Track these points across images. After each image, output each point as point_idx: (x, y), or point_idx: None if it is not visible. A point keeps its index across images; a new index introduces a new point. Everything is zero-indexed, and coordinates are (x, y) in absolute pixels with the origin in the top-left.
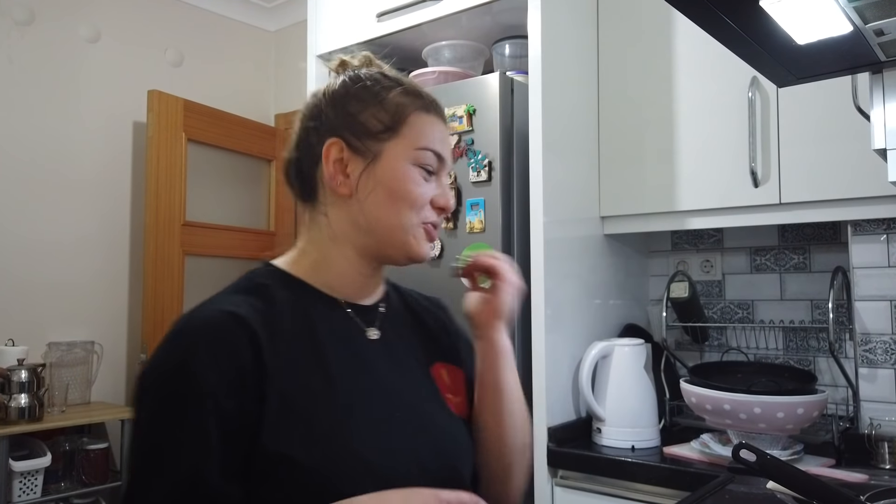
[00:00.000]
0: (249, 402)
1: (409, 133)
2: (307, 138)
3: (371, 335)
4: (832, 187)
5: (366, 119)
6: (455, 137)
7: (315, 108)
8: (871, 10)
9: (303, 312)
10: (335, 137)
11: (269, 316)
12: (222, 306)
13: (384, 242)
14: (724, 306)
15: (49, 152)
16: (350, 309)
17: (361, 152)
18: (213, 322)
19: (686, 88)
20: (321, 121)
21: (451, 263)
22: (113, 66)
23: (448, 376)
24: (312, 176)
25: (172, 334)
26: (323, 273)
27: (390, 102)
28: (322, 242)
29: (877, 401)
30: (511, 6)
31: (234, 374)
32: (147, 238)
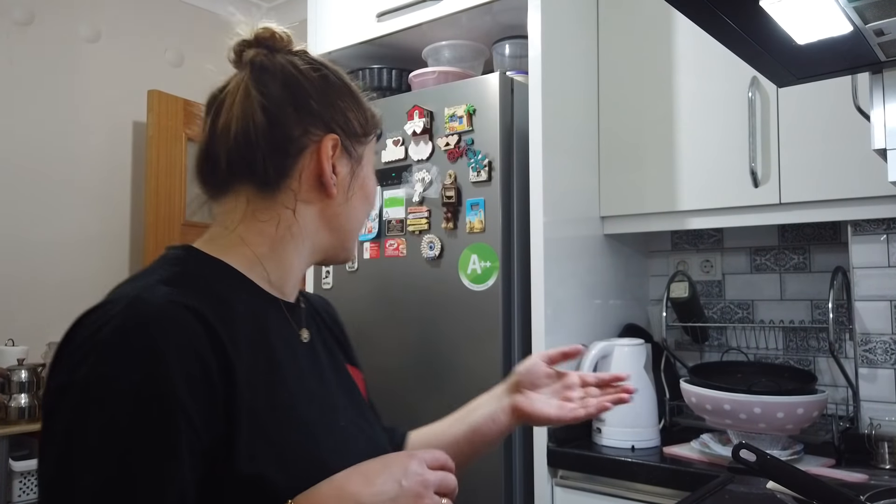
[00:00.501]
0: (218, 417)
1: (372, 141)
2: (286, 121)
3: (304, 338)
4: (832, 187)
5: (353, 118)
6: (455, 137)
7: (296, 88)
8: (871, 10)
9: (246, 308)
10: (331, 133)
11: (220, 311)
12: (169, 296)
13: (343, 244)
14: (724, 306)
15: (49, 152)
16: (283, 305)
17: (349, 152)
18: (166, 317)
19: (686, 88)
20: (308, 108)
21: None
22: (113, 66)
23: (357, 378)
24: (287, 165)
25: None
26: (268, 265)
27: (366, 108)
28: (277, 236)
29: (877, 401)
30: (511, 6)
31: (202, 382)
32: (147, 237)
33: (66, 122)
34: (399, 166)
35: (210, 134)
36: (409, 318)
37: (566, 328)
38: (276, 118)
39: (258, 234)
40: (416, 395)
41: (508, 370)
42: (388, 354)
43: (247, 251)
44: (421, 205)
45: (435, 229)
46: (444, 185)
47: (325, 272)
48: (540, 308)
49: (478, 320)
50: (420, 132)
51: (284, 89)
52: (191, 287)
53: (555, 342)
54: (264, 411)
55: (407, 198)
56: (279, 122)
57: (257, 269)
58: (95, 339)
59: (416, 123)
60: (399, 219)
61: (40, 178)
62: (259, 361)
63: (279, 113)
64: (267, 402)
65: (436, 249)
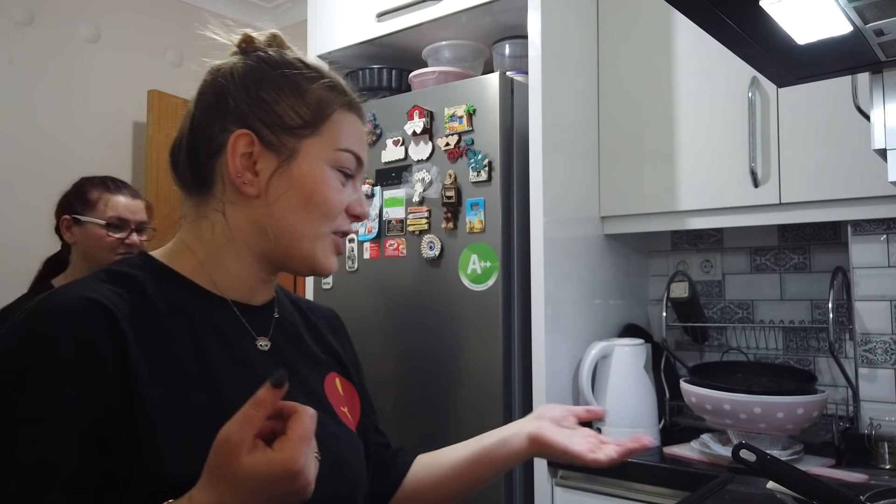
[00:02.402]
0: (114, 412)
1: (331, 132)
2: (207, 123)
3: (261, 345)
4: (832, 187)
5: (283, 111)
6: (455, 137)
7: (218, 89)
8: (871, 10)
9: (182, 311)
10: (245, 128)
11: (138, 310)
12: (82, 292)
13: (288, 251)
14: (724, 306)
15: (49, 152)
16: (238, 310)
17: (275, 148)
18: (68, 309)
19: (686, 88)
20: (226, 105)
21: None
22: (113, 66)
23: (343, 388)
24: (210, 167)
25: (17, 323)
26: (211, 272)
27: (312, 95)
28: (214, 242)
29: (877, 401)
30: (511, 6)
31: (94, 376)
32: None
33: (66, 122)
34: (399, 166)
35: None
36: (409, 318)
37: (566, 328)
38: (199, 122)
39: (198, 239)
40: (416, 395)
41: (509, 370)
42: (387, 354)
43: (191, 257)
44: (421, 205)
45: (435, 229)
46: (444, 185)
47: None
48: (540, 308)
49: (478, 320)
50: (420, 132)
51: (214, 91)
52: (119, 286)
53: (555, 342)
54: (179, 408)
55: (407, 198)
56: (202, 125)
57: (201, 274)
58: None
59: (416, 123)
60: (399, 219)
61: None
62: (178, 359)
63: (203, 116)
64: (183, 399)
65: (436, 249)
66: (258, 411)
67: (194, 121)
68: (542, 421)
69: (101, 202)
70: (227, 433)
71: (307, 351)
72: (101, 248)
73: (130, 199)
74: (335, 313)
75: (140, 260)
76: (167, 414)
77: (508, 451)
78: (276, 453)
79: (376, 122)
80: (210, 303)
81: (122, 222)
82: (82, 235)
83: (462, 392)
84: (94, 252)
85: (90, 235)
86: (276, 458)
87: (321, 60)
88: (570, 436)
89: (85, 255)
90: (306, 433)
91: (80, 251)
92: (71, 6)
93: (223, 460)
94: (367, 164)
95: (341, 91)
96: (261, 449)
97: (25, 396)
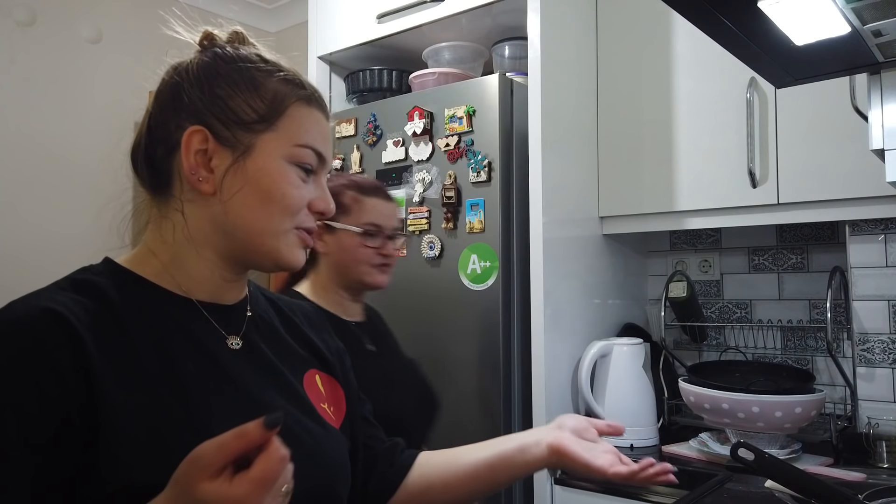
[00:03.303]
0: (70, 414)
1: (288, 126)
2: (163, 121)
3: (232, 344)
4: (830, 187)
5: (237, 105)
6: (455, 138)
7: (174, 87)
8: (870, 11)
9: (146, 315)
10: (198, 125)
11: (100, 317)
12: (38, 302)
13: (250, 247)
14: (723, 306)
15: (50, 153)
16: (207, 310)
17: (230, 144)
18: (23, 320)
19: (685, 89)
20: (181, 102)
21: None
22: (114, 66)
23: (323, 384)
24: (167, 165)
25: None
26: (175, 274)
27: (268, 89)
28: (175, 243)
29: (875, 400)
30: (511, 8)
31: (51, 389)
32: None
33: (68, 122)
34: (399, 167)
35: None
36: (409, 318)
37: (565, 327)
38: (156, 120)
39: (160, 242)
40: None
41: (508, 369)
42: None
43: (154, 261)
44: (421, 205)
45: (435, 229)
46: (444, 186)
47: None
48: (539, 307)
49: (478, 320)
50: (420, 133)
51: (170, 89)
52: (79, 293)
53: (554, 341)
54: (144, 412)
55: (407, 198)
56: (158, 123)
57: (166, 277)
58: None
59: (416, 124)
60: (399, 219)
61: (41, 178)
62: (141, 362)
63: (159, 114)
64: (148, 403)
65: (436, 249)
66: (238, 443)
67: (151, 119)
68: (563, 432)
69: (356, 206)
70: (201, 453)
71: (285, 348)
72: (356, 260)
73: (385, 202)
74: (316, 307)
75: (103, 266)
76: (132, 419)
77: (527, 459)
78: (231, 488)
79: (377, 123)
80: (175, 305)
81: (377, 229)
82: (335, 244)
83: (462, 391)
84: (348, 263)
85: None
86: (230, 495)
87: (321, 62)
88: (591, 448)
89: (335, 267)
90: (268, 476)
91: (331, 262)
92: (73, 7)
93: (187, 477)
94: (331, 160)
95: (298, 84)
96: (221, 480)
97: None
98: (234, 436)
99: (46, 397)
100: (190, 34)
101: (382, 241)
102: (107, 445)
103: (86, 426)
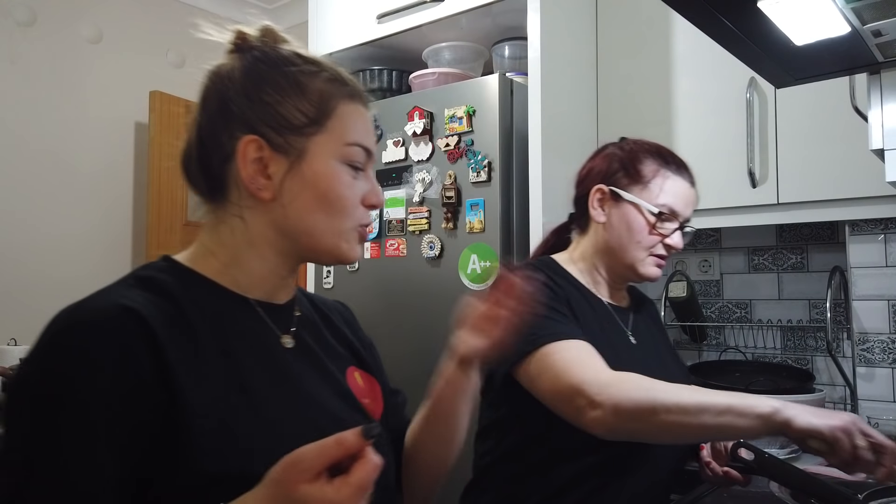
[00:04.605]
0: (152, 414)
1: (337, 126)
2: (214, 131)
3: (286, 343)
4: (830, 187)
5: (287, 111)
6: (455, 138)
7: (220, 95)
8: (869, 11)
9: (210, 313)
10: (252, 134)
11: (168, 312)
12: (113, 299)
13: (312, 247)
14: (722, 306)
15: (51, 153)
16: (262, 309)
17: (284, 150)
18: (102, 317)
19: (684, 89)
20: (230, 112)
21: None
22: (115, 66)
23: (363, 381)
24: (223, 173)
25: (52, 332)
26: (234, 273)
27: (313, 91)
28: (235, 245)
29: (874, 400)
30: (511, 8)
31: (131, 381)
32: (149, 238)
33: (68, 122)
34: (399, 167)
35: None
36: (409, 318)
37: None
38: (206, 130)
39: (219, 243)
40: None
41: None
42: (387, 354)
43: (213, 260)
44: (421, 205)
45: (435, 229)
46: (444, 186)
47: (325, 272)
48: None
49: None
50: (420, 133)
51: (216, 97)
52: (148, 291)
53: None
54: (215, 408)
55: (407, 198)
56: (209, 133)
57: (225, 276)
58: (38, 340)
59: (416, 124)
60: (399, 219)
61: (43, 178)
62: (210, 360)
63: (209, 124)
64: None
65: (436, 249)
66: (337, 450)
67: (201, 129)
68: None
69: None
70: (301, 455)
71: (329, 346)
72: (637, 243)
73: (690, 185)
74: (344, 305)
75: (164, 263)
76: (203, 413)
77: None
78: (331, 492)
79: (377, 123)
80: (233, 303)
81: (673, 216)
82: (619, 218)
83: None
84: (625, 244)
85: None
86: (331, 498)
87: None
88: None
89: (608, 243)
90: (365, 482)
91: (606, 236)
92: (73, 7)
93: (286, 478)
94: (376, 153)
95: (342, 82)
96: (320, 482)
97: (68, 406)
98: (334, 442)
99: (126, 391)
100: (221, 34)
101: (673, 230)
102: (179, 438)
103: (160, 419)
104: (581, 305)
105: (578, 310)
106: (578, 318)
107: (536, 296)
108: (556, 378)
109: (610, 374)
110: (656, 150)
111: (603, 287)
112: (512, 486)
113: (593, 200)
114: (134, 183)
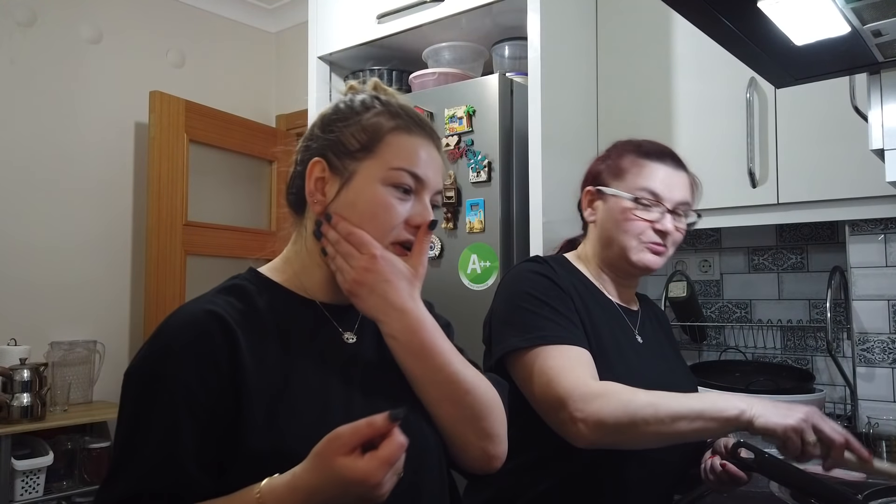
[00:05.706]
0: (225, 397)
1: (385, 152)
2: (302, 158)
3: (347, 338)
4: (830, 187)
5: (346, 138)
6: (455, 138)
7: (311, 129)
8: (869, 11)
9: (277, 314)
10: (319, 157)
11: (246, 315)
12: (202, 305)
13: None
14: (722, 306)
15: (51, 153)
16: (327, 310)
17: (339, 171)
18: (191, 319)
19: (685, 89)
20: (312, 140)
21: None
22: (115, 66)
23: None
24: (302, 192)
25: (155, 332)
26: (303, 280)
27: (368, 121)
28: (303, 254)
29: (874, 399)
30: (511, 8)
31: (209, 370)
32: (149, 238)
33: (68, 122)
34: None
35: None
36: None
37: None
38: (297, 158)
39: (295, 253)
40: None
41: None
42: None
43: (289, 269)
44: None
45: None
46: (444, 186)
47: None
48: None
49: (478, 320)
50: None
51: (309, 133)
52: (231, 296)
53: None
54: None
55: None
56: (299, 160)
57: (295, 282)
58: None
59: None
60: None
61: (42, 178)
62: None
63: (301, 149)
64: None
65: (436, 249)
66: (368, 429)
67: (296, 157)
68: None
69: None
70: (340, 433)
71: (383, 343)
72: (622, 231)
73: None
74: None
75: (248, 274)
76: (260, 396)
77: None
78: (362, 463)
79: None
80: (300, 304)
81: (654, 200)
82: (604, 212)
83: None
84: (612, 234)
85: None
86: (361, 468)
87: (321, 62)
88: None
89: (600, 237)
90: (392, 457)
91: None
92: (73, 7)
93: (327, 451)
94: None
95: (396, 115)
96: (354, 456)
97: (160, 391)
98: (365, 423)
99: (206, 377)
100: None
101: (660, 214)
102: (243, 418)
103: (233, 402)
104: (588, 301)
105: (586, 305)
106: (584, 313)
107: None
108: (546, 385)
109: (595, 388)
110: (637, 144)
111: (610, 286)
112: (511, 479)
113: (584, 203)
114: (134, 183)
